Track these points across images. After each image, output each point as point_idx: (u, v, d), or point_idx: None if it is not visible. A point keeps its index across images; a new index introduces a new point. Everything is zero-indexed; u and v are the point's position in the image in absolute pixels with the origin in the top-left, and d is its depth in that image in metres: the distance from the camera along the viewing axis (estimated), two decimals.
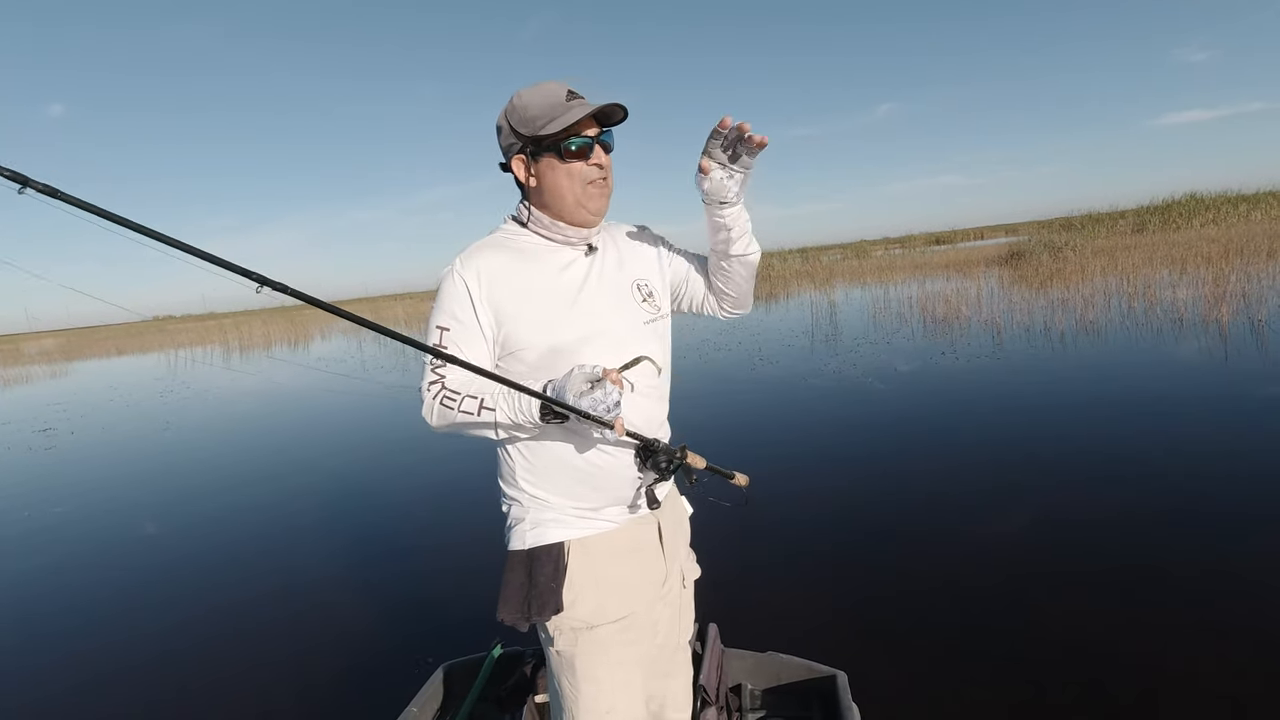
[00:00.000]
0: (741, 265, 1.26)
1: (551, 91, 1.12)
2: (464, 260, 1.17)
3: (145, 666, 2.75)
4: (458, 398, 1.11)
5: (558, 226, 1.19)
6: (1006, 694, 2.05)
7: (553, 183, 1.15)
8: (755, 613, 2.58)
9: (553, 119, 1.10)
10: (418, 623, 2.85)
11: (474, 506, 3.84)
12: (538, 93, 1.13)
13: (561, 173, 1.14)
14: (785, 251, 32.47)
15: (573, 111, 1.10)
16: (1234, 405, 4.52)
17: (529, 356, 1.15)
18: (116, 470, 6.40)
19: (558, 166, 1.14)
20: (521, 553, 1.21)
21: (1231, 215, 20.53)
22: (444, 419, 1.14)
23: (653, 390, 1.22)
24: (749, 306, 1.35)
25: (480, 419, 1.10)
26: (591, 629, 1.19)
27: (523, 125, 1.13)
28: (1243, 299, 7.90)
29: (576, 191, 1.15)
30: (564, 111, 1.10)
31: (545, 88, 1.13)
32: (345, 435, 7.02)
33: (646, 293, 1.25)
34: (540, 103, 1.12)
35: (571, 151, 1.13)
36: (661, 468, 1.16)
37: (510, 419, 1.09)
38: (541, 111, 1.11)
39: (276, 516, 4.52)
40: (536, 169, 1.16)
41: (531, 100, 1.12)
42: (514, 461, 1.22)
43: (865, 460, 4.34)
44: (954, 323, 9.01)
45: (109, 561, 4.00)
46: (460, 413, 1.11)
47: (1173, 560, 2.69)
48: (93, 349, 29.13)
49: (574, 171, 1.14)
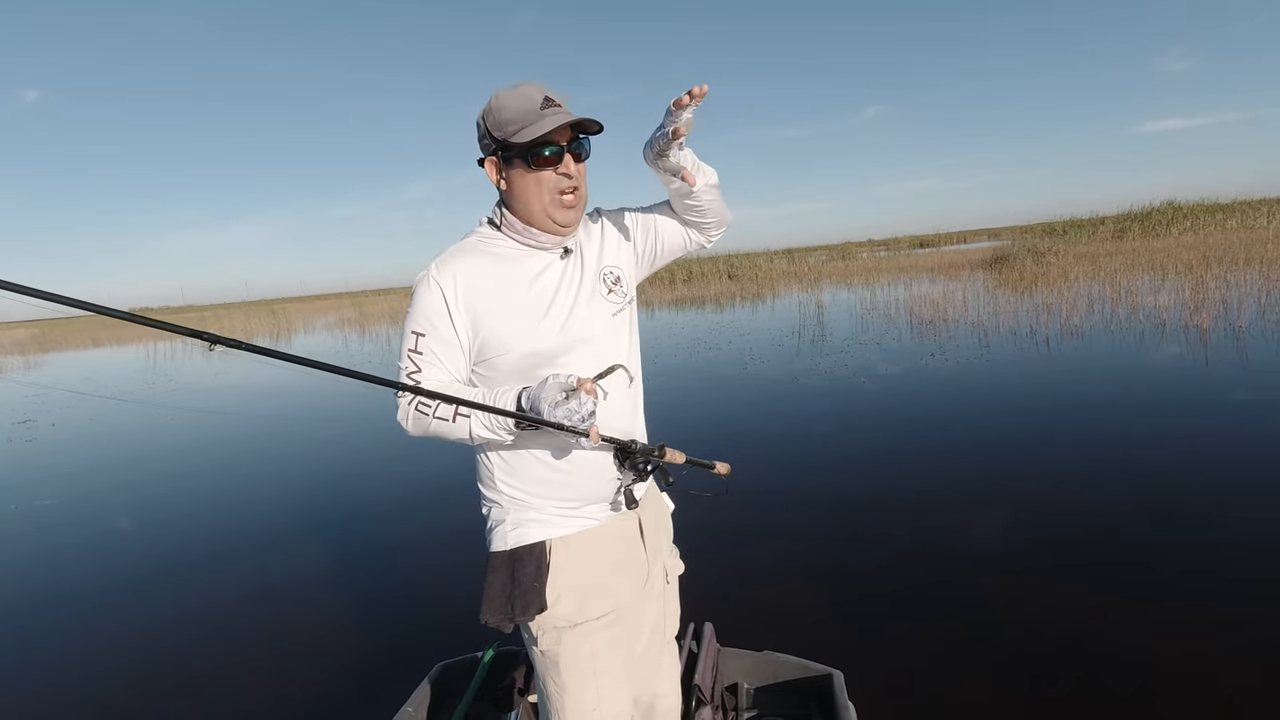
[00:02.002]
0: (707, 191, 1.23)
1: (528, 96, 1.10)
2: (439, 266, 1.15)
3: (134, 667, 2.67)
4: (432, 404, 1.09)
5: (530, 232, 1.17)
6: (1002, 691, 2.06)
7: (521, 189, 1.14)
8: (751, 612, 2.57)
9: (525, 126, 1.08)
10: (413, 622, 2.81)
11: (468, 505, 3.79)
12: (515, 96, 1.10)
13: (530, 180, 1.13)
14: (771, 252, 32.63)
15: (545, 120, 1.08)
16: (1216, 407, 4.60)
17: (505, 363, 1.15)
18: (100, 463, 6.26)
19: (527, 174, 1.12)
20: (503, 553, 1.20)
21: (1209, 223, 20.98)
22: (419, 425, 1.12)
23: (620, 381, 1.22)
24: (729, 216, 1.31)
25: (455, 426, 1.08)
26: (575, 627, 1.19)
27: (497, 128, 1.11)
28: (1222, 305, 8.04)
29: (544, 200, 1.13)
30: (537, 119, 1.08)
31: (523, 90, 1.10)
32: (338, 432, 6.93)
33: (613, 280, 1.24)
34: (515, 107, 1.09)
35: (540, 159, 1.11)
36: (639, 469, 1.16)
37: (486, 426, 1.08)
38: (515, 116, 1.09)
39: (268, 513, 4.43)
40: (508, 174, 1.15)
41: (507, 103, 1.10)
42: (492, 464, 1.21)
43: (859, 459, 4.35)
44: (941, 325, 9.09)
45: (93, 558, 3.90)
46: (435, 419, 1.09)
47: (1165, 557, 2.73)
48: (68, 340, 28.57)
49: (543, 180, 1.12)
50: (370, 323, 20.50)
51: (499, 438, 1.10)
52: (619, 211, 1.33)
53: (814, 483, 3.98)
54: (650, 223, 1.30)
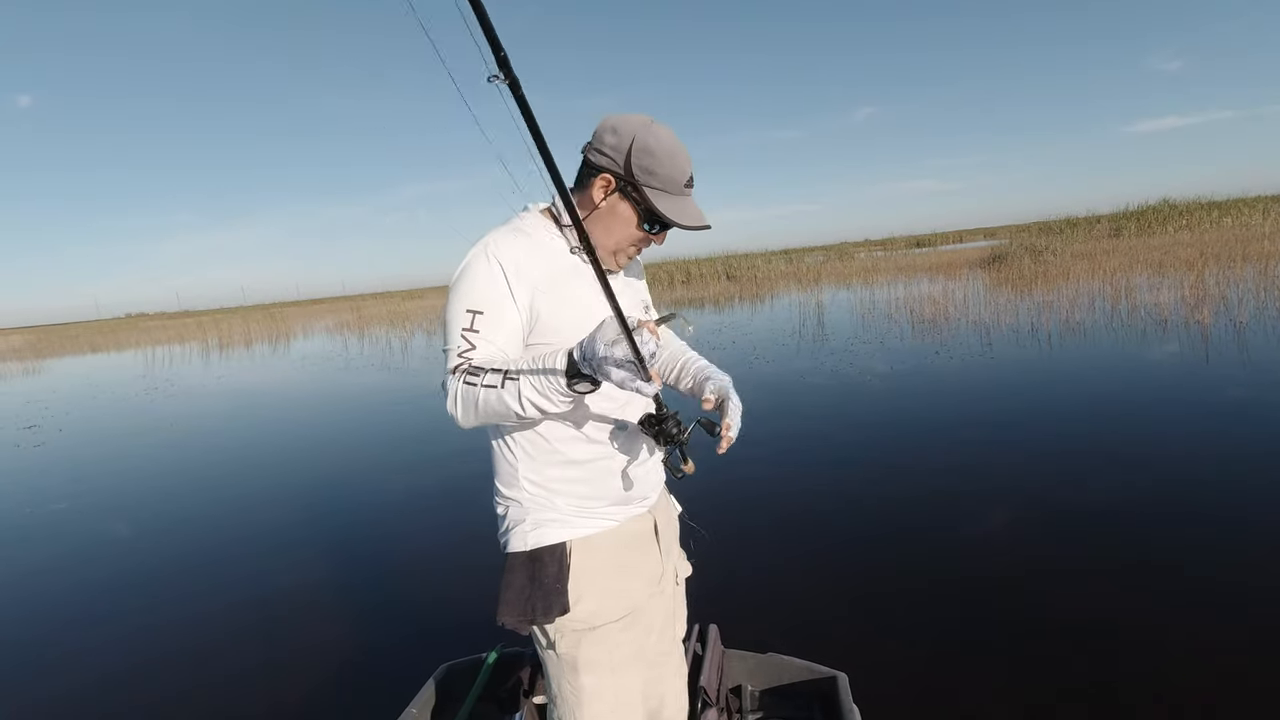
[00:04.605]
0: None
1: (680, 166, 1.12)
2: (497, 243, 1.11)
3: (141, 670, 2.66)
4: (480, 373, 1.04)
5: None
6: (1008, 692, 2.05)
7: (612, 224, 1.15)
8: (755, 614, 2.56)
9: (663, 192, 1.12)
10: (417, 624, 2.80)
11: (473, 507, 3.79)
12: (671, 153, 1.11)
13: (629, 225, 1.15)
14: (769, 252, 32.66)
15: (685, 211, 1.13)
16: (1218, 402, 4.60)
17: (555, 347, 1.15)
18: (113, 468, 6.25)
19: (631, 219, 1.15)
20: (522, 554, 1.18)
21: (1204, 221, 21.03)
22: (466, 398, 1.05)
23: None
24: None
25: (504, 391, 1.02)
26: (594, 629, 1.18)
27: (641, 168, 1.11)
28: (1222, 302, 8.05)
29: (623, 244, 1.17)
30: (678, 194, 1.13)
31: (679, 155, 1.12)
32: (342, 432, 6.92)
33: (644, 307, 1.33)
34: (668, 165, 1.11)
35: (655, 232, 1.17)
36: (672, 434, 1.12)
37: (536, 388, 1.01)
38: (662, 173, 1.11)
39: (272, 515, 4.41)
40: (614, 202, 1.14)
41: (662, 157, 1.10)
42: (516, 460, 1.19)
43: (863, 459, 4.34)
44: (943, 324, 9.09)
45: (99, 562, 3.88)
46: (483, 388, 1.03)
47: (1174, 558, 2.71)
48: (65, 346, 28.52)
49: (635, 235, 1.16)
50: (369, 326, 20.49)
51: (551, 404, 1.02)
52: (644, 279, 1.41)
53: (819, 483, 3.96)
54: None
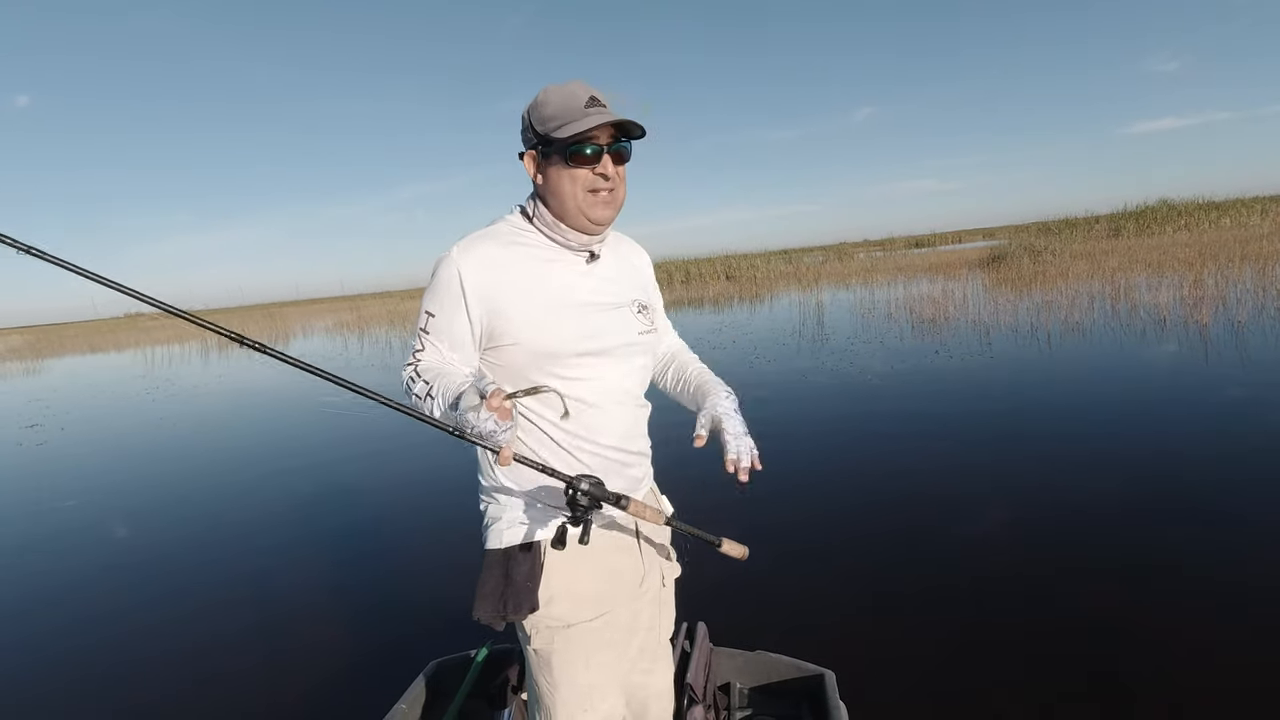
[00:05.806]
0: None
1: (573, 94, 1.11)
2: (462, 249, 1.14)
3: (137, 667, 2.66)
4: (417, 380, 1.10)
5: (559, 228, 1.17)
6: (992, 690, 2.05)
7: (557, 185, 1.14)
8: (744, 612, 2.55)
9: (566, 122, 1.09)
10: (408, 620, 2.80)
11: (461, 505, 3.78)
12: (561, 93, 1.11)
13: (566, 176, 1.13)
14: (768, 253, 32.66)
15: (587, 119, 1.09)
16: (1218, 401, 4.60)
17: (516, 356, 1.14)
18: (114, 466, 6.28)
19: (563, 170, 1.13)
20: (498, 551, 1.19)
21: (1203, 221, 21.04)
22: (409, 394, 1.13)
23: (629, 398, 1.22)
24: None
25: (428, 404, 1.07)
26: (568, 627, 1.18)
27: (539, 122, 1.12)
28: (1220, 302, 8.05)
29: (579, 197, 1.13)
30: (579, 117, 1.09)
31: (569, 89, 1.12)
32: (335, 432, 6.92)
33: (640, 307, 1.26)
34: (559, 103, 1.10)
35: (579, 156, 1.11)
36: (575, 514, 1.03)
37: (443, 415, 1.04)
38: (557, 112, 1.10)
39: (263, 514, 4.42)
40: (545, 169, 1.15)
41: (553, 99, 1.11)
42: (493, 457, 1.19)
43: (861, 458, 4.33)
44: (943, 324, 9.08)
45: (86, 559, 3.89)
46: (413, 396, 1.10)
47: (1168, 554, 2.71)
48: (64, 346, 28.56)
49: (578, 177, 1.12)
50: (368, 325, 20.49)
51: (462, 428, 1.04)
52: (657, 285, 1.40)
53: (811, 480, 3.96)
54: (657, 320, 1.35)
